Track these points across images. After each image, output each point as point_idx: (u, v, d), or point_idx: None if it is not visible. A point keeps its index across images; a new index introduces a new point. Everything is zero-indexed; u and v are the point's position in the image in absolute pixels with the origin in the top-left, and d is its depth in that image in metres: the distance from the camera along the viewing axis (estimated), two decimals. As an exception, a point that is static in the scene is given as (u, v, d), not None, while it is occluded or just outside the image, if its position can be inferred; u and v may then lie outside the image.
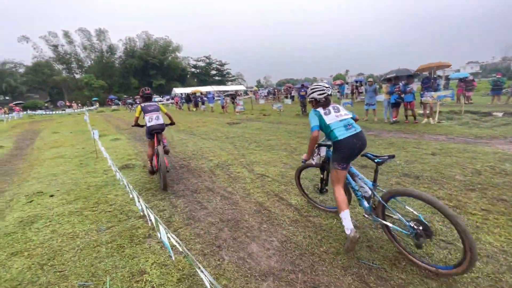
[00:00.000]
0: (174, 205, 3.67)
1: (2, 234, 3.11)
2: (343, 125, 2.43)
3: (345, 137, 2.36)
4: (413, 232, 2.06)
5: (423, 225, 2.03)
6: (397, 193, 2.25)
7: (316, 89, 2.58)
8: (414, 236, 2.07)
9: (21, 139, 11.94)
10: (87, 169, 5.77)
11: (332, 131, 2.42)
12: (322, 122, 2.47)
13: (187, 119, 15.51)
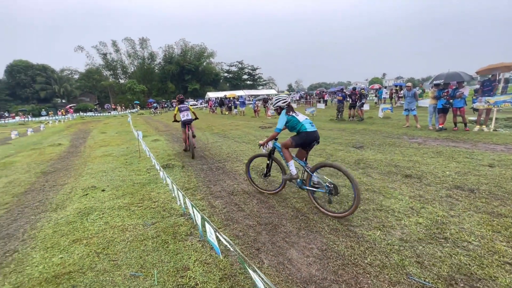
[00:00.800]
0: (212, 205, 3.79)
1: (64, 222, 3.48)
2: (309, 123, 3.49)
3: (311, 130, 3.41)
4: (328, 189, 3.19)
5: (333, 185, 3.18)
6: (319, 166, 3.35)
7: (280, 99, 3.63)
8: (328, 192, 3.20)
9: (75, 138, 13.30)
10: (132, 167, 6.22)
11: (303, 125, 3.42)
12: (295, 120, 3.48)
13: (220, 122, 15.97)
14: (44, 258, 2.68)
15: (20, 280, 2.38)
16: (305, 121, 3.46)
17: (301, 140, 3.44)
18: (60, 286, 2.26)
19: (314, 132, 3.42)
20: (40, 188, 5.18)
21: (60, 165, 7.03)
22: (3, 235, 3.29)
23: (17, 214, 3.95)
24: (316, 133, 3.45)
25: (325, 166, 3.36)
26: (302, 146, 3.49)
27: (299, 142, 3.46)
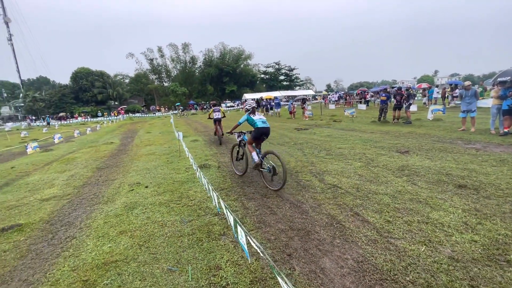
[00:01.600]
0: (245, 207, 3.84)
1: (113, 214, 3.84)
2: (261, 121, 4.60)
3: (261, 126, 4.54)
4: (269, 170, 4.33)
5: (273, 167, 4.26)
6: (265, 153, 4.52)
7: (247, 104, 4.95)
8: (270, 172, 4.33)
9: (124, 137, 14.63)
10: (172, 166, 6.62)
11: (256, 123, 4.57)
12: (251, 119, 4.66)
13: (256, 123, 16.13)
14: (96, 246, 2.99)
15: (77, 264, 2.68)
16: (258, 120, 4.62)
17: (254, 134, 4.64)
18: (108, 272, 2.49)
19: (264, 128, 4.57)
20: (95, 182, 5.80)
21: (111, 162, 7.80)
22: (65, 223, 3.76)
23: (76, 204, 4.48)
24: (266, 129, 4.60)
25: (269, 153, 4.47)
26: (256, 138, 4.68)
27: (254, 136, 4.66)
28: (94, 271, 2.53)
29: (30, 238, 3.37)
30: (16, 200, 4.91)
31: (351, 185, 4.33)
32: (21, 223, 3.79)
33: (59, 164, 7.89)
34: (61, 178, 6.30)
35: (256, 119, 4.63)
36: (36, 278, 2.51)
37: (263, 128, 4.56)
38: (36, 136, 18.56)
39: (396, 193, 3.86)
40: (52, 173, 6.83)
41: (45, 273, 2.58)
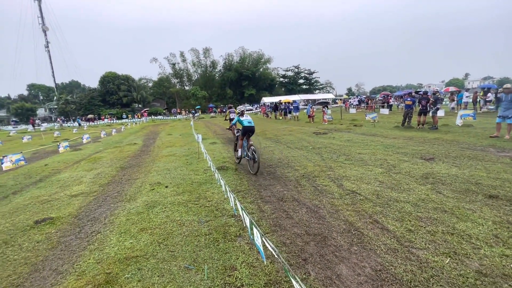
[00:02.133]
0: (262, 209, 3.85)
1: (135, 212, 4.01)
2: (247, 121, 5.87)
3: (246, 125, 5.83)
4: (251, 158, 5.64)
5: (253, 156, 5.53)
6: (248, 146, 5.82)
7: (238, 109, 6.34)
8: (251, 160, 5.67)
9: (147, 138, 15.21)
10: (191, 167, 6.79)
11: (242, 122, 5.86)
12: (239, 120, 5.99)
13: (274, 127, 16.13)
14: (119, 241, 3.14)
15: (101, 257, 2.83)
16: (245, 120, 5.96)
17: (242, 131, 6.04)
18: (129, 267, 2.61)
19: (249, 126, 5.92)
20: (118, 180, 6.09)
21: (134, 162, 8.14)
22: (91, 218, 3.98)
23: (101, 201, 4.73)
24: (251, 127, 5.96)
25: (252, 146, 5.76)
26: (243, 134, 6.03)
27: (242, 132, 6.05)
28: (117, 265, 2.66)
29: (60, 231, 3.61)
30: (48, 195, 5.28)
31: (371, 191, 4.21)
32: (53, 216, 4.07)
33: (86, 163, 8.37)
34: (88, 176, 6.67)
35: (243, 120, 5.99)
36: (64, 268, 2.69)
37: (249, 127, 5.93)
38: (67, 136, 19.81)
39: (419, 201, 3.70)
40: (80, 171, 7.25)
41: (73, 264, 2.75)
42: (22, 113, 49.54)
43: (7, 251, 3.13)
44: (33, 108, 53.42)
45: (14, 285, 2.47)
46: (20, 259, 2.93)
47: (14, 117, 50.04)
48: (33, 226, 3.77)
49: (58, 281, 2.48)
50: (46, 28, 57.10)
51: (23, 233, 3.59)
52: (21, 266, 2.79)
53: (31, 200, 4.99)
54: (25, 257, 2.96)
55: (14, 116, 50.38)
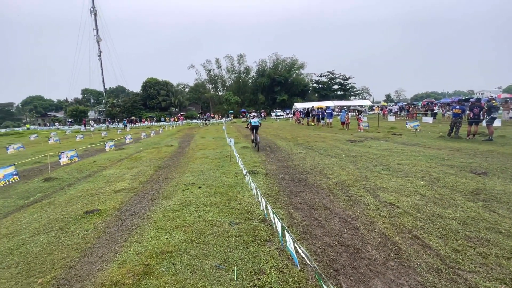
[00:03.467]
0: (292, 216, 3.81)
1: (170, 210, 4.24)
2: (254, 122, 9.94)
3: (253, 124, 9.93)
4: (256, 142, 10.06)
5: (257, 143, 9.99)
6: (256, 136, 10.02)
7: (251, 116, 10.78)
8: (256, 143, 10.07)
9: (182, 140, 15.99)
10: (223, 170, 6.97)
11: (251, 122, 9.98)
12: (250, 121, 10.11)
13: (305, 133, 15.89)
14: (156, 236, 3.34)
15: (140, 249, 3.04)
16: (253, 121, 9.88)
17: (251, 127, 9.94)
18: (164, 261, 2.76)
19: (254, 124, 9.82)
20: (156, 179, 6.48)
21: (170, 162, 8.61)
22: (131, 212, 4.29)
23: (141, 198, 5.07)
24: (256, 126, 9.84)
25: (256, 136, 9.89)
26: (251, 130, 10.04)
27: (250, 128, 10.03)
28: (153, 257, 2.83)
29: (105, 222, 3.95)
30: (96, 189, 5.81)
31: (410, 205, 3.92)
32: (99, 208, 4.47)
33: (128, 162, 9.06)
34: (130, 173, 7.22)
35: (252, 120, 10.00)
36: (109, 256, 2.93)
37: (254, 125, 9.92)
38: (112, 136, 21.66)
39: (468, 219, 3.36)
40: (123, 169, 7.87)
41: (116, 253, 2.99)
42: (76, 114, 55.42)
43: (62, 236, 3.51)
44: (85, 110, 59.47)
45: (68, 267, 2.76)
46: (72, 244, 3.27)
47: (70, 118, 56.22)
48: (83, 216, 4.18)
49: (103, 268, 2.71)
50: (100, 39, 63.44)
51: (75, 221, 4.00)
52: (73, 251, 3.10)
53: (82, 193, 5.54)
54: (77, 243, 3.29)
55: (70, 117, 56.59)
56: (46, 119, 63.76)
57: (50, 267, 2.78)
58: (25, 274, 2.68)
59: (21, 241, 3.43)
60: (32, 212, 4.55)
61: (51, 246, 3.25)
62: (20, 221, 4.15)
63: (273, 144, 11.58)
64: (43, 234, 3.62)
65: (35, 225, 3.93)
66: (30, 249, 3.21)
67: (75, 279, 2.56)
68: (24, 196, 5.60)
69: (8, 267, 2.83)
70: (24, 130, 41.72)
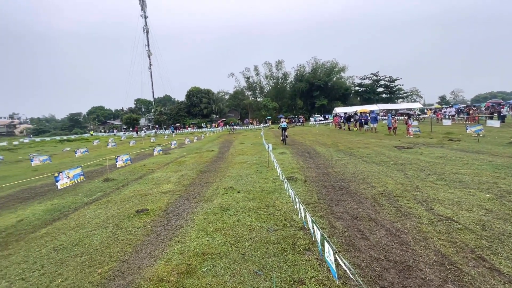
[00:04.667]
0: (333, 225, 3.64)
1: (211, 213, 4.39)
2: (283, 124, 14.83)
3: (282, 126, 14.81)
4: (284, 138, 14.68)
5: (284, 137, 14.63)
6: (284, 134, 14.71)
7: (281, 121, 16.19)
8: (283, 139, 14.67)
9: (222, 146, 16.56)
10: (261, 175, 7.01)
11: (281, 125, 15.04)
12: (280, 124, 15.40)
13: (347, 139, 15.18)
14: (197, 237, 3.49)
15: (183, 249, 3.21)
16: (282, 123, 14.85)
17: (281, 128, 14.71)
18: (205, 262, 2.86)
19: (283, 126, 14.56)
20: (198, 183, 6.80)
21: (211, 167, 8.97)
22: (176, 213, 4.56)
23: (184, 200, 5.37)
24: (284, 127, 14.55)
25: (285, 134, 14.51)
26: (282, 129, 14.61)
27: (281, 129, 14.71)
28: (195, 258, 2.95)
29: (153, 221, 4.26)
30: (145, 190, 6.33)
31: (473, 220, 3.45)
32: (148, 208, 4.85)
33: (173, 165, 9.69)
34: (174, 176, 7.70)
35: (281, 123, 14.75)
36: (156, 253, 3.15)
37: (283, 127, 14.39)
38: (160, 142, 23.45)
39: None
40: (168, 172, 8.44)
41: (162, 251, 3.20)
42: (130, 122, 61.48)
43: (117, 232, 3.89)
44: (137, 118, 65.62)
45: (121, 260, 3.04)
46: (125, 240, 3.59)
47: (124, 125, 62.62)
48: (135, 214, 4.58)
49: (151, 263, 2.92)
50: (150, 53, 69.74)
51: (128, 219, 4.40)
52: (126, 246, 3.41)
53: (134, 193, 6.08)
54: (129, 239, 3.61)
55: (125, 124, 63.03)
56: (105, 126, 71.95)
57: (107, 259, 3.09)
58: (88, 263, 3.03)
59: (85, 234, 3.89)
60: (94, 208, 5.13)
61: (109, 240, 3.61)
62: (84, 216, 4.72)
63: (312, 150, 11.30)
64: (102, 229, 4.05)
65: (96, 221, 4.42)
66: (92, 241, 3.62)
67: (128, 272, 2.80)
68: (88, 194, 6.36)
69: (75, 256, 3.23)
70: (88, 136, 47.61)
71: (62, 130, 68.84)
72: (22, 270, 2.96)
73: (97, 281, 2.67)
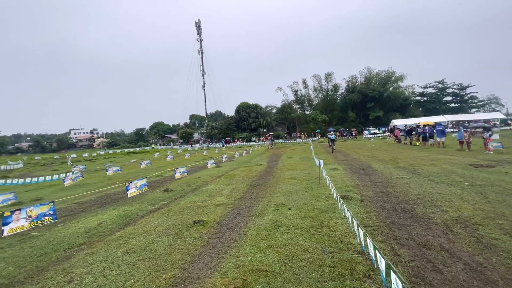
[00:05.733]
0: (396, 253, 3.30)
1: (263, 228, 4.43)
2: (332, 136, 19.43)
3: (330, 137, 19.49)
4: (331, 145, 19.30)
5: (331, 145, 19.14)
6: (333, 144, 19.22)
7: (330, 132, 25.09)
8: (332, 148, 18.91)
9: (270, 160, 16.68)
10: (312, 192, 6.82)
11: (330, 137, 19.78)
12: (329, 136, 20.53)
13: (408, 154, 13.77)
14: (251, 253, 3.55)
15: (238, 263, 3.29)
16: (331, 135, 19.69)
17: (329, 139, 19.64)
18: (260, 279, 2.88)
19: (331, 138, 19.01)
20: (249, 197, 6.95)
21: (260, 181, 9.09)
22: (229, 226, 4.73)
23: (236, 213, 5.53)
24: (332, 139, 18.84)
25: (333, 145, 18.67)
26: (330, 141, 19.06)
27: (329, 140, 19.39)
28: (250, 274, 2.99)
29: (208, 232, 4.49)
30: (201, 201, 6.73)
31: None
32: (204, 220, 5.14)
33: (225, 178, 10.12)
34: (226, 189, 8.03)
35: (330, 135, 19.64)
36: (213, 265, 3.30)
37: (331, 138, 18.92)
38: (212, 155, 24.84)
39: None
40: (221, 185, 8.84)
41: (218, 263, 3.34)
42: (185, 136, 67.02)
43: (178, 240, 4.21)
44: (191, 132, 71.17)
45: (182, 269, 3.27)
46: (184, 249, 3.85)
47: (180, 139, 68.44)
48: (192, 225, 4.90)
49: (209, 275, 3.07)
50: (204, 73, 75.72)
51: (186, 229, 4.73)
52: (185, 255, 3.65)
53: (190, 204, 6.53)
54: (188, 249, 3.87)
55: (180, 138, 68.90)
56: (164, 140, 79.74)
57: (170, 266, 3.36)
58: (154, 268, 3.33)
59: (150, 240, 4.31)
60: (157, 217, 5.66)
61: (170, 248, 3.93)
62: (149, 223, 5.24)
63: (368, 166, 10.55)
64: (164, 236, 4.43)
65: (159, 228, 4.86)
66: (156, 247, 3.98)
67: (188, 281, 2.98)
68: (151, 203, 7.06)
69: (143, 260, 3.59)
70: (150, 149, 53.29)
71: (129, 143, 78.51)
72: (103, 268, 3.41)
73: (162, 285, 2.92)
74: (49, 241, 4.60)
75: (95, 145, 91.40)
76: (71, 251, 4.14)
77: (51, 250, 4.22)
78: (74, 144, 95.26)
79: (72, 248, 4.24)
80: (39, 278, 3.31)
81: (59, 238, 4.72)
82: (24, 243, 4.63)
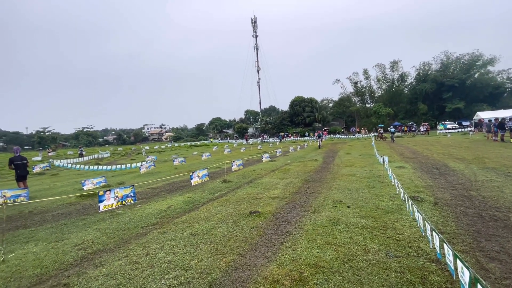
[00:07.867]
0: (483, 267, 2.80)
1: (320, 224, 4.30)
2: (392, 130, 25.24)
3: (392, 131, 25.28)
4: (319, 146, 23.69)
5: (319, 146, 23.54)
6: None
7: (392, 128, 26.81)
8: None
9: (326, 156, 16.03)
10: (374, 191, 6.29)
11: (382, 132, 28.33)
12: None
13: (499, 153, 11.47)
14: (307, 247, 3.49)
15: (294, 256, 3.28)
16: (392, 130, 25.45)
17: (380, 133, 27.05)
18: (317, 274, 2.81)
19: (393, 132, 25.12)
20: (304, 192, 6.83)
21: (316, 177, 8.82)
22: (284, 219, 4.74)
23: (291, 207, 5.51)
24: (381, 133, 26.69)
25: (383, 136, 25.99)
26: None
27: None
28: (307, 268, 2.95)
29: (264, 223, 4.59)
30: (256, 193, 6.92)
31: None
32: (260, 211, 5.27)
33: (279, 172, 10.16)
34: (281, 183, 8.05)
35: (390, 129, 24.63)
36: (269, 255, 3.37)
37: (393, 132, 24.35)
38: (265, 150, 25.22)
39: None
40: (275, 179, 8.92)
41: (274, 253, 3.39)
42: (240, 131, 69.76)
43: (235, 228, 4.43)
44: (246, 127, 73.55)
45: (240, 255, 3.43)
46: (242, 237, 4.03)
47: (236, 133, 71.43)
48: (249, 215, 5.08)
49: (265, 263, 3.15)
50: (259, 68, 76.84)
51: (243, 218, 4.93)
52: (243, 243, 3.82)
53: (247, 195, 6.77)
54: (245, 237, 4.03)
55: (236, 133, 71.91)
56: (221, 135, 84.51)
57: (229, 251, 3.56)
58: (215, 251, 3.58)
59: (211, 225, 4.64)
60: (217, 205, 6.06)
61: (229, 235, 4.16)
62: (210, 210, 5.65)
63: (443, 165, 9.20)
64: (223, 223, 4.71)
65: (219, 216, 5.20)
66: (216, 233, 4.27)
67: (246, 267, 3.11)
68: (211, 192, 7.58)
69: (206, 243, 3.89)
70: (209, 143, 57.22)
71: (191, 137, 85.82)
72: (172, 246, 3.83)
73: (223, 268, 3.12)
74: (130, 219, 5.40)
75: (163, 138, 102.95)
76: (147, 228, 4.77)
77: (132, 226, 4.94)
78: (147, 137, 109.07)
79: (148, 226, 4.88)
80: (124, 248, 3.92)
81: (137, 217, 5.49)
82: (113, 218, 5.53)
